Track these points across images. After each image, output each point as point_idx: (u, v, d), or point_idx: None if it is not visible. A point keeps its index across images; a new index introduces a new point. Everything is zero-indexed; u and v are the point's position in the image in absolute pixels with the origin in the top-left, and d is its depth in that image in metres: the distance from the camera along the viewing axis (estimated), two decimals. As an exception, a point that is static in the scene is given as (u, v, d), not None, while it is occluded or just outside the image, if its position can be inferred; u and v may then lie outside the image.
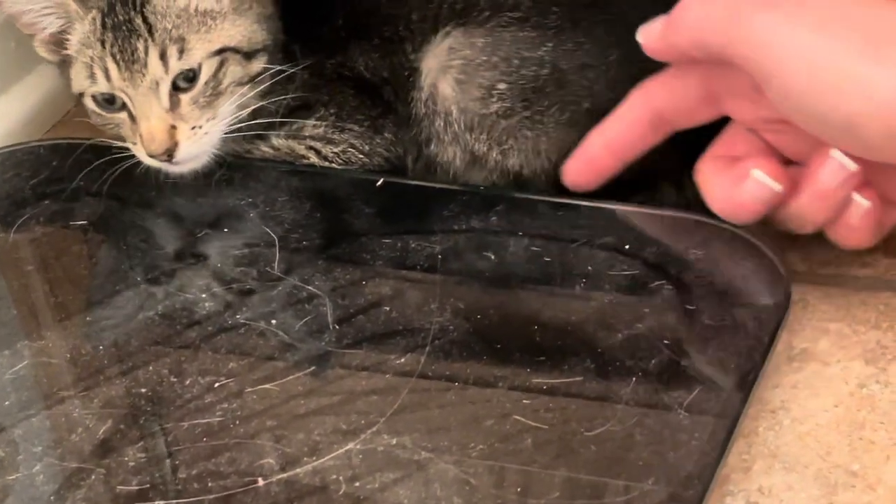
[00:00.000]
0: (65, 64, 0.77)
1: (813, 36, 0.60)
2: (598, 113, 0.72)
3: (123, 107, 0.74)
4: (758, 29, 0.61)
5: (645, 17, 0.74)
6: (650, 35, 0.68)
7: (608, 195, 0.75)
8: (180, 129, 0.73)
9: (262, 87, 0.76)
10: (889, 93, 0.57)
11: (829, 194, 0.65)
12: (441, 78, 0.75)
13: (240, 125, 0.76)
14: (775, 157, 0.67)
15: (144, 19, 0.73)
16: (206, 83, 0.73)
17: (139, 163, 0.76)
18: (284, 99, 0.77)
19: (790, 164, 0.68)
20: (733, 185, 0.66)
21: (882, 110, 0.58)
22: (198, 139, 0.74)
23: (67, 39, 0.76)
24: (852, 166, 0.63)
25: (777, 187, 0.65)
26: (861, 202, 0.65)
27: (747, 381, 0.61)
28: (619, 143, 0.71)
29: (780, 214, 0.67)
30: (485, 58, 0.74)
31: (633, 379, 0.62)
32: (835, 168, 0.64)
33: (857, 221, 0.66)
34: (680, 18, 0.66)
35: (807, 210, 0.66)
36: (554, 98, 0.74)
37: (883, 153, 0.60)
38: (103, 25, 0.73)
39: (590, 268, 0.69)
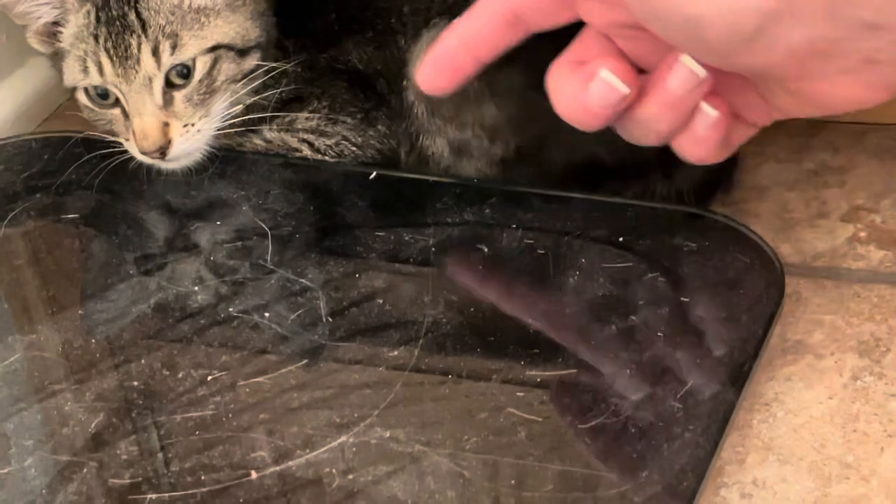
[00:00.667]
0: (57, 56, 0.76)
1: None
2: None
3: (116, 102, 0.74)
4: None
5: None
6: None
7: (599, 185, 0.75)
8: (173, 126, 0.73)
9: (256, 83, 0.76)
10: None
11: (677, 101, 0.62)
12: None
13: (232, 121, 0.76)
14: (627, 61, 0.66)
15: (138, 15, 0.72)
16: (200, 81, 0.73)
17: (132, 157, 0.76)
18: (277, 93, 0.77)
19: (642, 74, 0.66)
20: (581, 86, 0.64)
21: (725, 11, 0.56)
22: (190, 136, 0.74)
23: (60, 31, 0.75)
24: (701, 72, 0.60)
25: (624, 89, 0.62)
26: (709, 111, 0.62)
27: (741, 374, 0.61)
28: (476, 42, 0.68)
29: (627, 122, 0.65)
30: None
31: (627, 371, 0.62)
32: (684, 73, 0.61)
33: (704, 132, 0.63)
34: None
35: (653, 118, 0.63)
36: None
37: (729, 58, 0.58)
38: (97, 20, 0.73)
39: (583, 260, 0.69)
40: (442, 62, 0.66)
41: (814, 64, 0.54)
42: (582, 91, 0.62)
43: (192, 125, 0.74)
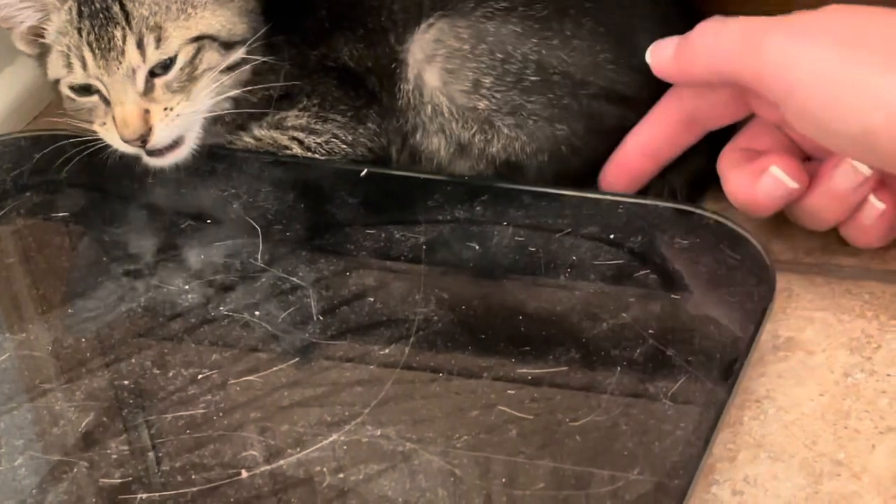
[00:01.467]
0: (42, 55, 0.76)
1: (826, 52, 0.61)
2: (583, 107, 0.73)
3: (97, 91, 0.74)
4: (771, 51, 0.62)
5: (634, 8, 0.74)
6: (661, 59, 0.70)
7: (592, 183, 0.75)
8: (153, 111, 0.72)
9: (241, 76, 0.76)
10: None
11: (843, 195, 0.66)
12: (427, 68, 0.75)
13: (220, 113, 0.75)
14: (796, 153, 0.69)
15: (122, 7, 0.72)
16: (181, 68, 0.73)
17: (121, 155, 0.75)
18: (266, 91, 0.77)
19: (810, 160, 0.69)
20: (752, 179, 0.67)
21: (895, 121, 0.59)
22: (170, 121, 0.73)
23: (45, 30, 0.75)
24: (867, 171, 0.65)
25: (793, 185, 0.67)
26: (876, 204, 0.66)
27: (732, 371, 0.61)
28: (653, 146, 0.73)
29: (796, 210, 0.68)
30: (469, 49, 0.74)
31: (618, 369, 0.62)
32: (848, 171, 0.66)
33: (871, 222, 0.67)
34: (693, 47, 0.67)
35: (820, 208, 0.67)
36: (538, 93, 0.73)
37: None
38: (80, 14, 0.73)
39: (574, 258, 0.69)
40: (622, 169, 0.70)
41: None
42: (753, 183, 0.67)
43: (171, 109, 0.73)
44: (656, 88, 0.72)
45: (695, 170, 0.77)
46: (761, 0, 0.69)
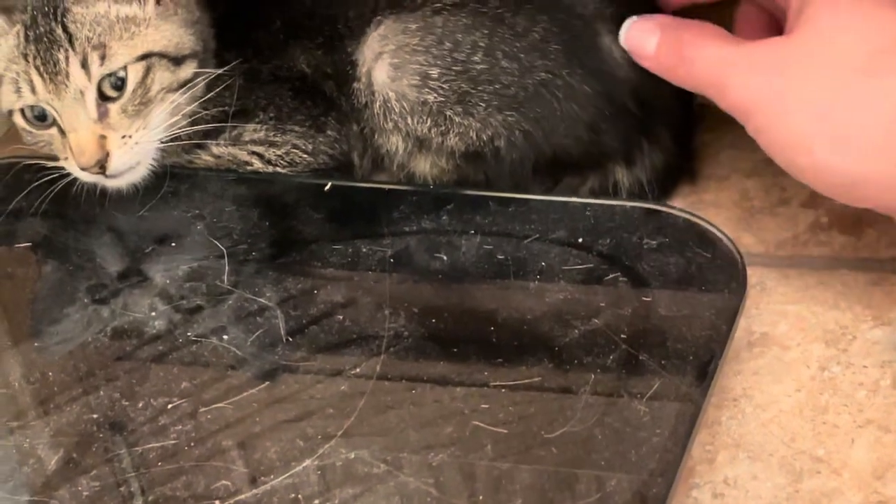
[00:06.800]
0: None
1: (793, 110, 0.63)
2: (532, 99, 0.72)
3: (54, 122, 0.73)
4: (752, 89, 0.65)
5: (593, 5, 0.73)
6: (641, 47, 0.71)
7: (557, 179, 0.74)
8: (110, 138, 0.72)
9: (195, 93, 0.75)
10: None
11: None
12: (375, 65, 0.74)
13: (177, 132, 0.74)
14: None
15: (65, 29, 0.71)
16: (133, 91, 0.72)
17: (77, 181, 0.74)
18: (222, 107, 0.76)
19: None
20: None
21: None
22: (129, 149, 0.72)
23: None
24: None
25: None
26: None
27: (707, 371, 0.60)
28: None
29: None
30: (416, 42, 0.73)
31: (592, 376, 0.61)
32: None
33: None
34: (690, 56, 0.68)
35: None
36: (486, 81, 0.73)
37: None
38: (26, 38, 0.72)
39: (543, 264, 0.68)
40: None
41: None
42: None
43: (129, 137, 0.72)
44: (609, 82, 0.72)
45: (661, 165, 0.76)
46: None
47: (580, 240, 0.69)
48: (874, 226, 0.72)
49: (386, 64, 0.74)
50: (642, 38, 0.71)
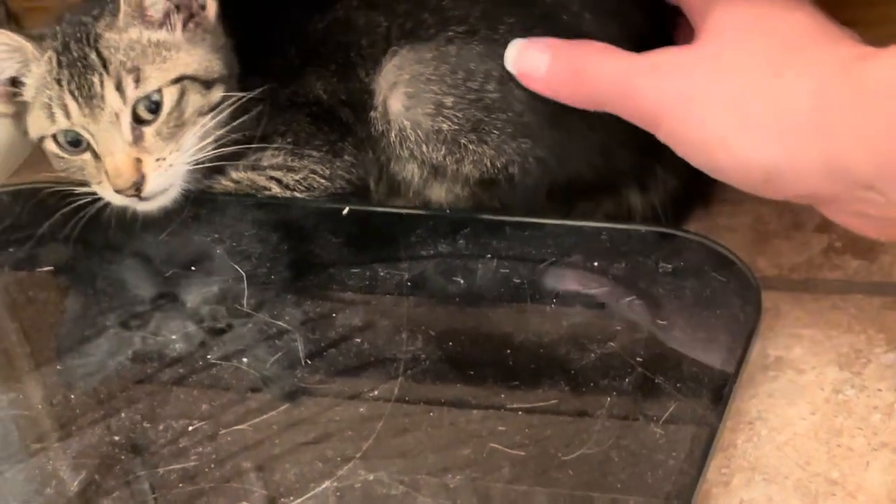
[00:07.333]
0: (19, 116, 0.76)
1: (703, 109, 0.64)
2: (545, 125, 0.73)
3: (87, 147, 0.74)
4: (659, 93, 0.65)
5: (603, 28, 0.74)
6: (533, 69, 0.71)
7: (571, 204, 0.75)
8: (146, 161, 0.73)
9: (223, 116, 0.76)
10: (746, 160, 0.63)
11: None
12: (391, 95, 0.75)
13: (203, 156, 0.75)
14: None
15: (99, 54, 0.72)
16: (169, 113, 0.73)
17: (104, 205, 0.75)
18: (244, 131, 0.77)
19: None
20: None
21: (736, 164, 0.63)
22: (164, 171, 0.74)
23: (23, 84, 0.75)
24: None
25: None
26: None
27: (723, 394, 0.61)
28: None
29: None
30: (431, 71, 0.74)
31: (608, 399, 0.62)
32: None
33: None
34: (589, 71, 0.68)
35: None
36: (499, 109, 0.73)
37: (752, 192, 0.65)
38: (59, 64, 0.73)
39: (559, 287, 0.69)
40: None
41: (819, 204, 0.64)
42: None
43: (164, 159, 0.73)
44: None
45: (675, 190, 0.77)
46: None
47: (596, 263, 0.70)
48: (888, 250, 0.73)
49: (401, 93, 0.74)
50: (532, 60, 0.71)
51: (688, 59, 0.65)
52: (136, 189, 0.73)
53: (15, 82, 0.75)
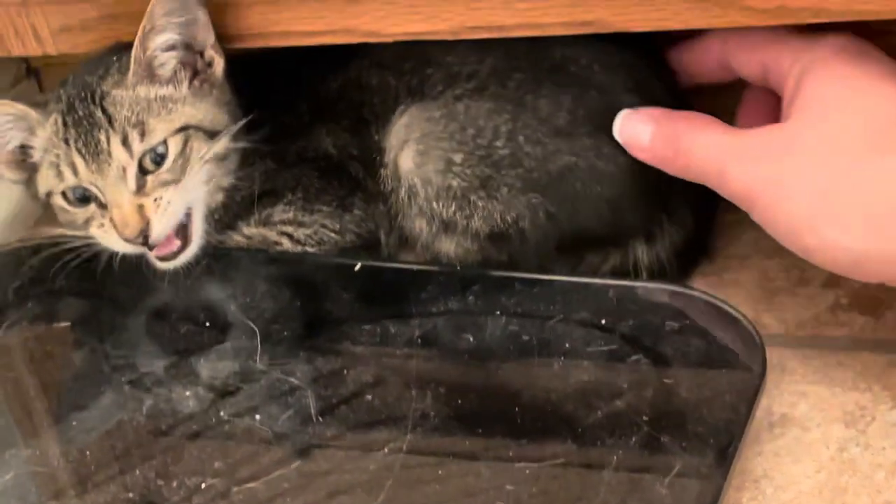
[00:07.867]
0: (30, 180, 0.78)
1: (793, 194, 0.64)
2: (555, 180, 0.74)
3: (94, 200, 0.75)
4: (751, 177, 0.66)
5: (612, 81, 0.75)
6: (637, 139, 0.72)
7: (580, 257, 0.76)
8: (146, 205, 0.74)
9: (230, 166, 0.77)
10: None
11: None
12: (401, 153, 0.77)
13: (212, 209, 0.77)
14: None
15: (104, 111, 0.74)
16: (174, 161, 0.74)
17: (121, 259, 0.76)
18: (251, 182, 0.78)
19: None
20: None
21: (828, 247, 0.64)
22: (164, 210, 0.74)
23: (32, 148, 0.76)
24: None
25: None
26: None
27: (728, 453, 0.62)
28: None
29: None
30: (440, 129, 0.75)
31: (615, 458, 0.62)
32: None
33: None
34: (687, 147, 0.69)
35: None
36: (509, 166, 0.75)
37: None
38: (65, 124, 0.74)
39: (567, 345, 0.70)
40: None
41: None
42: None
43: (161, 198, 0.74)
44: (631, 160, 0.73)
45: (681, 242, 0.78)
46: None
47: (603, 321, 0.71)
48: (894, 307, 0.73)
49: (411, 151, 0.76)
50: (636, 131, 0.72)
51: (778, 142, 0.65)
52: (144, 237, 0.74)
53: (23, 147, 0.77)
